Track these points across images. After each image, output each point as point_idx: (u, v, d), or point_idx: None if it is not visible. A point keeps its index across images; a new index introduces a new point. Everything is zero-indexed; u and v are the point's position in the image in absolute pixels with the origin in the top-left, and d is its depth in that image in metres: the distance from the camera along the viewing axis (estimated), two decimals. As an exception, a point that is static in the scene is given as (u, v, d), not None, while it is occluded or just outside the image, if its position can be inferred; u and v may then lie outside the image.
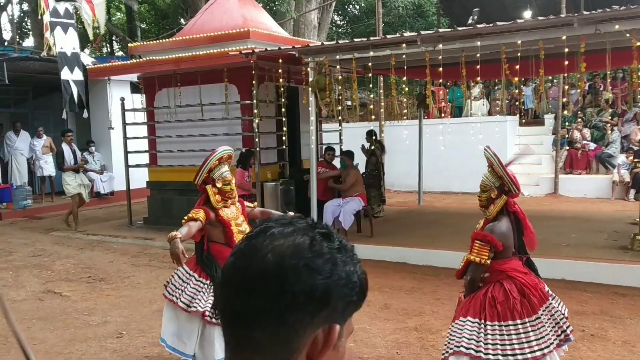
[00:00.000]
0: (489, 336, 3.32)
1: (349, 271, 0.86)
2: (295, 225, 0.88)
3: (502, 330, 3.32)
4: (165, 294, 4.21)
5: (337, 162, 11.45)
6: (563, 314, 3.48)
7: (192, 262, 4.23)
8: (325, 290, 0.82)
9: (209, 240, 4.20)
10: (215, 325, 4.04)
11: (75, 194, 10.55)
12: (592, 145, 13.37)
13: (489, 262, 3.40)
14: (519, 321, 3.33)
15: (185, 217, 4.08)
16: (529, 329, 3.33)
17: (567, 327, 3.45)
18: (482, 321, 3.35)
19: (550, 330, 3.38)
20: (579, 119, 13.63)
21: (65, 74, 10.52)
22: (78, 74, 10.73)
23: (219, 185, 4.12)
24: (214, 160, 4.12)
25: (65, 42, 10.52)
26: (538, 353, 3.30)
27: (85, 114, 11.32)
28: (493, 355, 3.30)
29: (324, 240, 0.86)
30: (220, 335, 4.04)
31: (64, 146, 10.68)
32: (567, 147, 13.46)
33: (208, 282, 4.11)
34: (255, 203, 4.87)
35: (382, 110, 13.87)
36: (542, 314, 3.38)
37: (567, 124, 13.85)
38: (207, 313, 4.00)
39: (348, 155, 9.35)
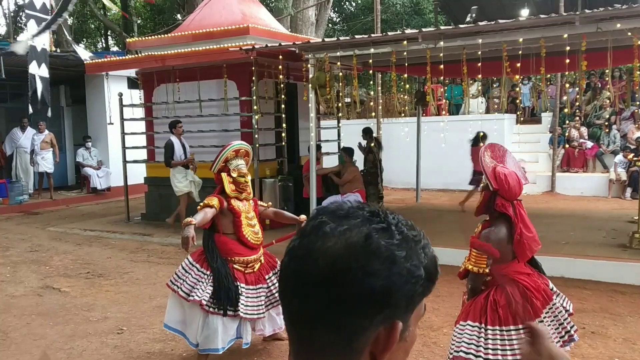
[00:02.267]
0: (490, 341, 3.25)
1: (411, 267, 0.80)
2: (350, 219, 0.81)
3: (503, 335, 3.25)
4: (168, 283, 4.34)
5: (333, 159, 11.48)
6: (567, 310, 3.44)
7: (197, 253, 4.36)
8: (384, 291, 0.77)
9: (217, 231, 4.32)
10: (217, 315, 4.09)
11: (185, 193, 9.45)
12: (590, 144, 13.42)
13: (487, 270, 3.32)
14: (520, 326, 3.24)
15: (201, 204, 4.22)
16: None
17: (572, 327, 3.41)
18: (483, 325, 3.28)
19: (554, 333, 3.33)
20: (577, 117, 13.68)
21: (33, 68, 10.30)
22: (44, 71, 10.46)
23: (234, 175, 4.29)
24: (230, 151, 4.32)
25: (36, 36, 10.36)
26: None
27: (49, 113, 10.93)
28: (494, 358, 3.23)
29: (381, 236, 0.79)
30: (223, 325, 4.09)
31: (174, 139, 9.36)
32: (566, 145, 13.51)
33: (208, 272, 4.21)
34: (270, 203, 4.92)
35: (379, 107, 13.86)
36: (544, 317, 3.33)
37: (567, 122, 13.89)
38: (203, 302, 4.10)
39: (347, 151, 9.34)
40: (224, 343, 4.17)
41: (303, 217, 4.35)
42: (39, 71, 10.32)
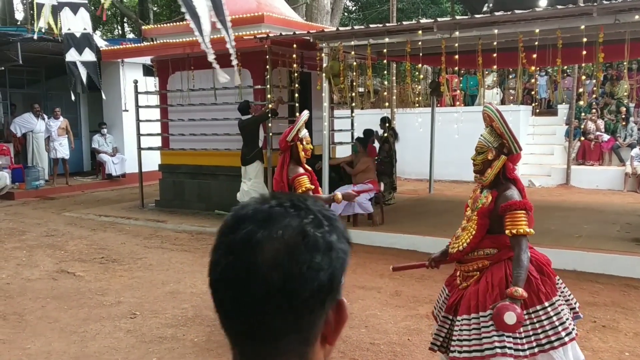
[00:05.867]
0: (522, 329, 2.91)
1: (343, 246, 0.82)
2: (278, 221, 0.79)
3: (532, 317, 2.94)
4: None
5: (346, 149, 11.48)
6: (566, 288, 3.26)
7: None
8: (330, 279, 0.79)
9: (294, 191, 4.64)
10: None
11: None
12: (606, 137, 13.28)
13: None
14: (546, 304, 2.96)
15: (303, 190, 4.51)
16: (558, 309, 2.97)
17: (576, 304, 3.22)
18: None
19: (564, 308, 3.07)
20: (594, 110, 13.53)
21: (71, 55, 10.36)
22: (89, 55, 10.51)
23: (304, 143, 4.66)
24: (302, 121, 4.70)
25: (73, 23, 10.37)
26: (573, 333, 2.95)
27: (103, 96, 11.15)
28: (529, 348, 2.91)
29: (314, 228, 0.79)
30: None
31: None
32: (582, 138, 13.39)
33: None
34: None
35: (394, 97, 13.81)
36: (560, 290, 3.12)
37: (582, 114, 13.75)
38: None
39: (361, 141, 9.33)
40: None
41: (338, 194, 4.68)
42: (80, 57, 10.41)
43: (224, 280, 0.80)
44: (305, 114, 4.85)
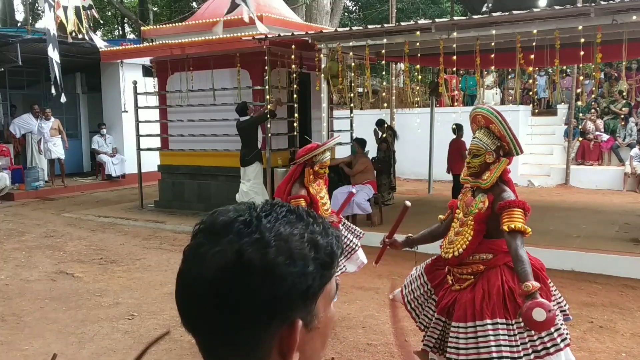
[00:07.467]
0: (518, 336, 2.90)
1: (294, 268, 0.77)
2: (222, 237, 0.78)
3: None
4: None
5: (346, 149, 11.49)
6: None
7: None
8: (270, 301, 0.76)
9: None
10: None
11: None
12: (605, 137, 13.28)
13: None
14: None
15: None
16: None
17: (565, 305, 3.21)
18: (510, 321, 2.92)
19: (557, 311, 3.04)
20: (593, 110, 13.53)
21: (50, 52, 10.20)
22: (57, 56, 10.40)
23: (316, 168, 4.51)
24: (323, 149, 4.52)
25: (49, 20, 10.28)
26: (568, 339, 2.94)
27: (63, 99, 10.87)
28: (525, 355, 2.87)
29: (254, 248, 0.76)
30: None
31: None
32: (580, 138, 13.38)
33: None
34: None
35: (393, 97, 13.81)
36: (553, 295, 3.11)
37: (580, 114, 13.75)
38: None
39: (359, 142, 9.34)
40: None
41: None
42: (54, 55, 10.29)
43: (177, 282, 0.82)
44: (334, 141, 4.83)
